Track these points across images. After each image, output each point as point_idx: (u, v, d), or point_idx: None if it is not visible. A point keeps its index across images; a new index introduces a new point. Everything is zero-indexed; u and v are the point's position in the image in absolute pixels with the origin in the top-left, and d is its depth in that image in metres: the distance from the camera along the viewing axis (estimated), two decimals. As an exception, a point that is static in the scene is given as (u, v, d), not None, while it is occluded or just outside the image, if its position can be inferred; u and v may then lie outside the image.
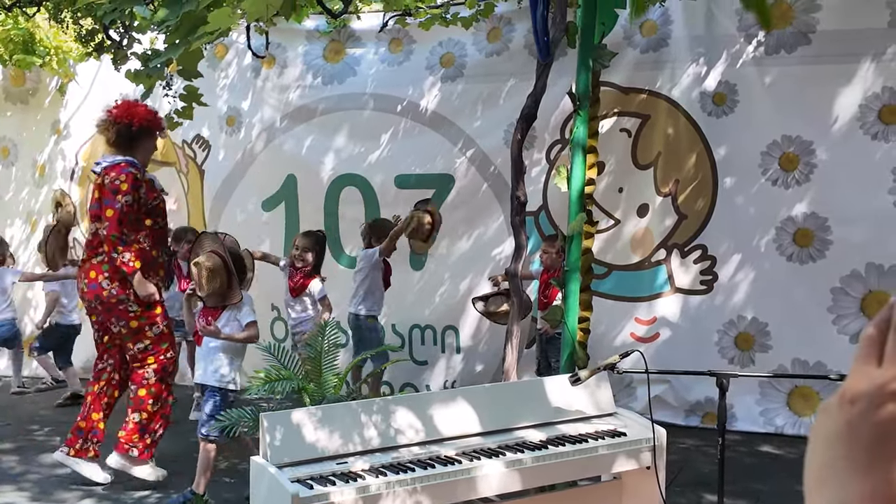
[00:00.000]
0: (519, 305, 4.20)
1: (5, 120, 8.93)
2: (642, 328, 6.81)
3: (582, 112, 4.01)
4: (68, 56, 7.82)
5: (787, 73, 6.39)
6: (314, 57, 7.85)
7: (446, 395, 3.75)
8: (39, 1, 5.53)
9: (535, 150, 7.15)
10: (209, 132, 8.23)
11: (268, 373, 4.28)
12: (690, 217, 6.67)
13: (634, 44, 6.79)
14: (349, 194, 7.76)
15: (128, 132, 5.22)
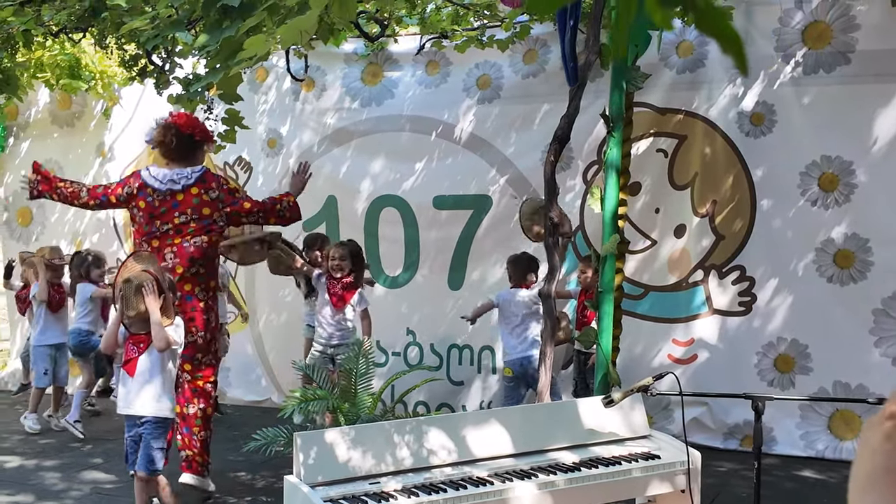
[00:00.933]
0: (552, 327, 4.20)
1: (52, 142, 9.14)
2: (680, 350, 6.77)
3: (615, 133, 4.02)
4: (113, 80, 8.00)
5: (825, 93, 6.34)
6: (352, 80, 7.95)
7: (479, 416, 3.76)
8: (85, 27, 5.67)
9: (572, 171, 7.16)
10: (251, 154, 8.35)
11: (303, 392, 4.31)
12: (728, 238, 6.63)
13: (671, 64, 6.79)
14: (388, 215, 7.82)
15: (191, 142, 5.36)
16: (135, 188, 5.31)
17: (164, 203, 5.27)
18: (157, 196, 5.28)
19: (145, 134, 5.49)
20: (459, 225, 7.55)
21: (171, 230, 5.27)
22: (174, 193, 5.28)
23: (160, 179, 5.31)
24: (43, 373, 7.40)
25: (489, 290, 7.44)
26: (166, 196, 5.28)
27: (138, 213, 5.33)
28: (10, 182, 9.39)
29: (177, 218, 5.27)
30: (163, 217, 5.27)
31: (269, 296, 8.28)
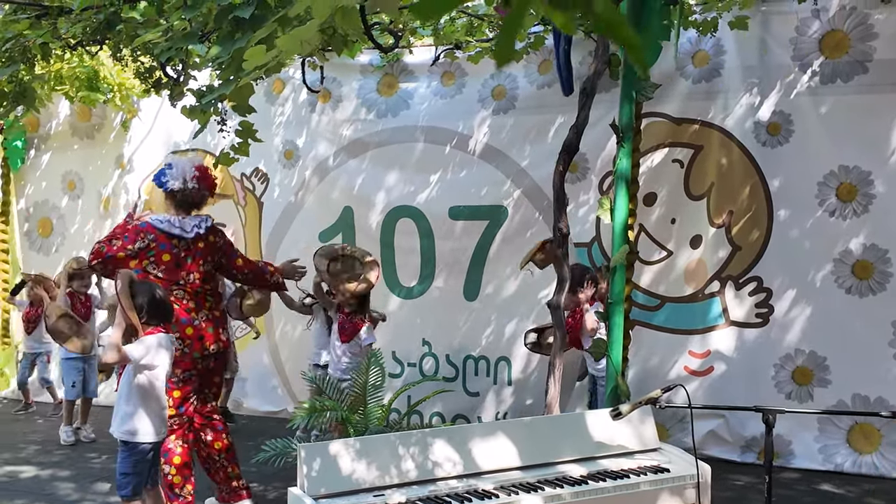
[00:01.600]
0: (561, 338, 4.17)
1: (72, 154, 9.23)
2: (696, 361, 6.70)
3: (625, 144, 4.00)
4: (131, 92, 8.06)
5: (843, 103, 6.28)
6: (368, 91, 7.97)
7: (486, 428, 3.74)
8: (102, 40, 5.71)
9: (587, 183, 7.13)
10: (267, 166, 8.39)
11: (312, 403, 4.31)
12: (745, 248, 6.57)
13: (686, 74, 6.75)
14: (404, 226, 7.82)
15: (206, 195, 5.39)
16: (150, 241, 5.07)
17: (188, 252, 5.15)
18: (182, 246, 5.14)
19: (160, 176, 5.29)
20: (475, 236, 7.53)
21: (197, 279, 5.16)
22: (196, 241, 5.19)
23: (184, 228, 5.16)
24: (71, 385, 7.43)
25: (504, 301, 7.42)
26: (190, 244, 5.16)
27: (158, 267, 5.08)
28: (30, 193, 9.49)
29: (202, 266, 5.19)
30: (188, 266, 5.15)
31: (283, 307, 8.28)
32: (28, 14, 5.28)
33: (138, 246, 5.04)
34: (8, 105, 5.87)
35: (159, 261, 5.05)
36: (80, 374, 7.46)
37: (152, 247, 5.04)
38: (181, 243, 5.12)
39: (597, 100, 5.27)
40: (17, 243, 9.56)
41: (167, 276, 5.04)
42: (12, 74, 5.60)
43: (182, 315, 5.01)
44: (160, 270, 5.05)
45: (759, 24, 6.44)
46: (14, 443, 7.32)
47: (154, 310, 4.45)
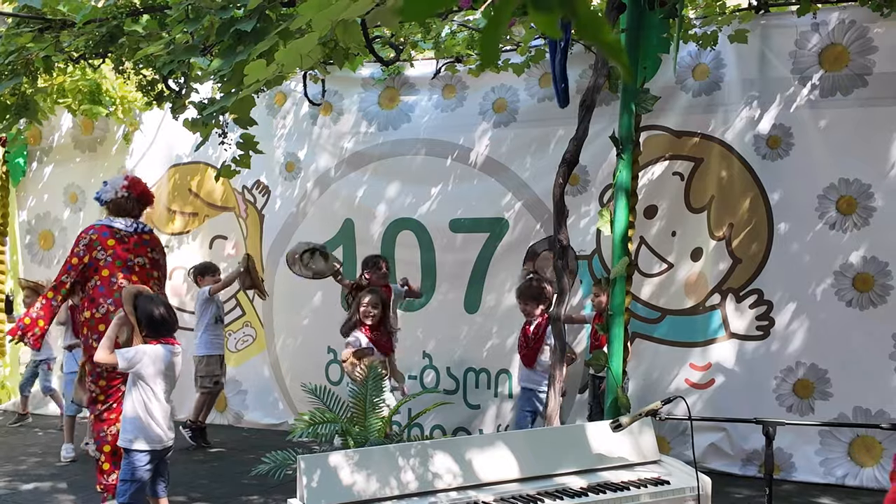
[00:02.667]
0: (561, 349, 4.18)
1: (75, 166, 9.25)
2: (697, 374, 6.70)
3: (625, 156, 4.01)
4: (133, 105, 8.09)
5: (843, 116, 6.29)
6: (369, 104, 8.00)
7: (486, 440, 3.73)
8: (104, 53, 5.74)
9: (588, 195, 7.15)
10: (268, 178, 8.41)
11: (312, 415, 4.31)
12: (745, 261, 6.57)
13: (687, 87, 6.77)
14: (405, 238, 7.84)
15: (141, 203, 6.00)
16: (93, 236, 5.70)
17: (132, 240, 5.79)
18: (125, 234, 5.77)
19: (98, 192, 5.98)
20: (476, 248, 7.54)
21: (147, 264, 5.82)
22: (141, 234, 5.85)
23: (125, 224, 5.81)
24: (71, 401, 7.37)
25: (504, 314, 7.42)
26: (133, 235, 5.80)
27: (105, 254, 5.67)
28: (32, 206, 9.51)
29: (149, 252, 5.86)
30: (136, 251, 5.78)
31: (286, 320, 8.30)
32: (31, 27, 5.32)
33: (83, 244, 5.68)
34: (10, 118, 5.90)
35: (105, 246, 5.68)
36: None
37: (95, 238, 5.68)
38: (123, 233, 5.77)
39: (597, 113, 5.29)
40: (19, 256, 9.57)
41: (116, 259, 5.68)
42: (15, 87, 5.63)
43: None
44: (109, 255, 5.67)
45: (758, 38, 6.46)
46: (14, 455, 7.31)
47: (151, 325, 4.66)
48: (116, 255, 5.70)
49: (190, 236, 8.80)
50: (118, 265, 5.69)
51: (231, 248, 8.64)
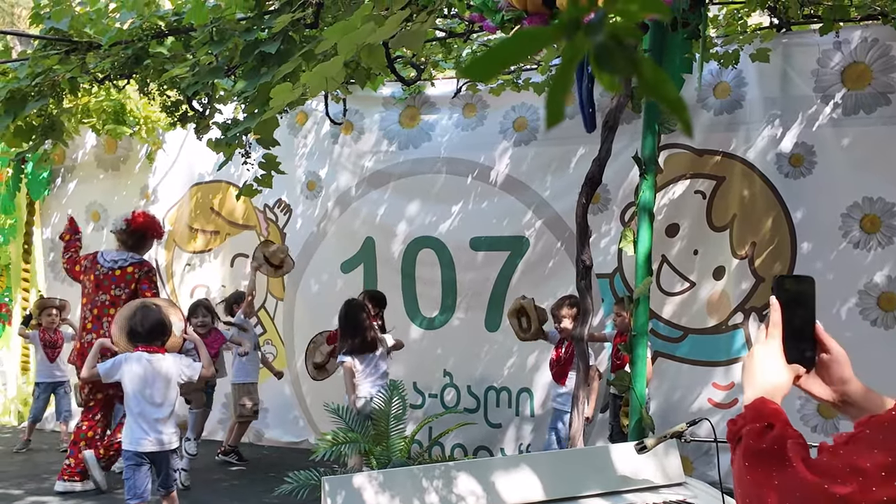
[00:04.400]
0: (585, 370, 4.16)
1: (98, 184, 9.33)
2: (720, 394, 6.66)
3: (648, 176, 4.01)
4: (157, 125, 8.16)
5: (866, 134, 6.27)
6: (390, 123, 8.03)
7: (509, 462, 3.72)
8: (129, 74, 5.81)
9: (608, 214, 7.14)
10: (290, 197, 8.46)
11: (335, 435, 4.31)
12: (768, 280, 6.53)
13: (708, 106, 6.76)
14: (425, 256, 7.85)
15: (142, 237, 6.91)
16: (86, 264, 6.82)
17: (105, 276, 6.68)
18: (102, 270, 6.69)
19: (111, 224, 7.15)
20: (496, 266, 7.54)
21: (107, 300, 6.64)
22: (114, 269, 6.68)
23: (107, 259, 6.76)
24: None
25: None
26: (108, 271, 6.69)
27: (87, 287, 6.76)
28: (56, 223, 9.59)
29: (112, 290, 6.66)
30: (102, 287, 6.68)
31: (306, 338, 8.31)
32: (58, 49, 5.38)
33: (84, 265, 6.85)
34: (37, 138, 5.97)
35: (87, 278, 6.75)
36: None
37: (87, 266, 6.79)
38: (100, 269, 6.69)
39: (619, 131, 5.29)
40: (41, 273, 9.64)
41: (87, 293, 6.73)
42: (41, 108, 5.69)
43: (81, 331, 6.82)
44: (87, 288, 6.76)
45: (780, 56, 6.45)
46: (38, 473, 7.35)
47: (129, 334, 5.26)
48: (88, 290, 6.73)
49: (211, 254, 8.85)
50: (88, 298, 6.73)
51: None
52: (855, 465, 1.23)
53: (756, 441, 1.40)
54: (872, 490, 1.20)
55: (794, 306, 1.56)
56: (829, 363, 1.57)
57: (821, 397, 1.60)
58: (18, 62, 5.68)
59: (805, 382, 1.59)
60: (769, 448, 1.37)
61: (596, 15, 0.52)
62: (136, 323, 5.22)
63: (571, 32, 0.52)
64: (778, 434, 1.38)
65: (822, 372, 1.58)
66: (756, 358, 1.57)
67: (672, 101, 0.60)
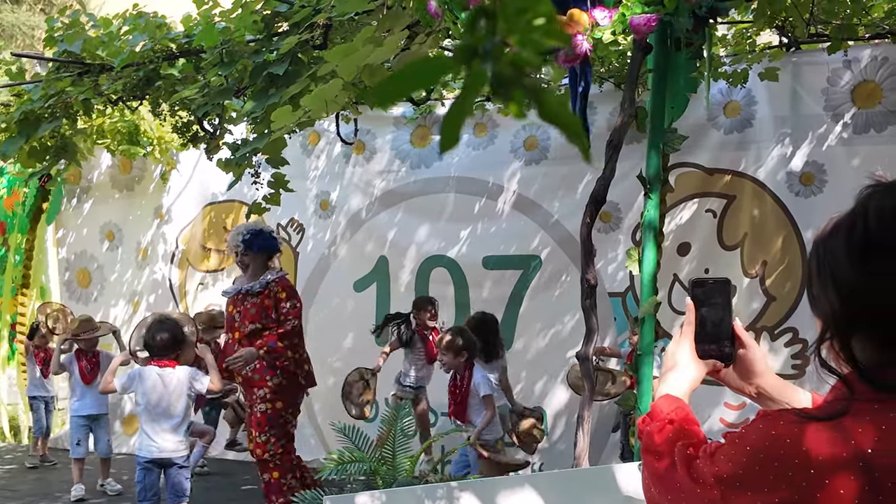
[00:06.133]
0: (590, 390, 4.15)
1: (113, 203, 9.41)
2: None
3: (652, 195, 4.01)
4: (170, 146, 8.24)
5: (877, 153, 6.24)
6: (402, 142, 8.08)
7: (513, 482, 3.72)
8: (141, 95, 5.88)
9: (620, 231, 7.13)
10: (302, 217, 8.50)
11: (341, 454, 4.32)
12: (779, 299, 6.51)
13: (718, 125, 6.76)
14: (438, 275, 7.86)
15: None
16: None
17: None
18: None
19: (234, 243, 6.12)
20: (508, 286, 7.55)
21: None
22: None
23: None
24: (76, 443, 7.19)
25: (536, 352, 7.40)
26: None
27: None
28: (72, 242, 9.68)
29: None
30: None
31: (317, 358, 8.31)
32: (71, 72, 5.46)
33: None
34: (50, 159, 6.04)
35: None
36: (86, 433, 7.26)
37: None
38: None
39: (629, 150, 5.29)
40: (58, 292, 9.71)
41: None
42: (55, 129, 5.77)
43: None
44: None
45: (789, 75, 6.44)
46: (51, 492, 7.39)
47: (146, 348, 5.47)
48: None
49: (224, 273, 8.89)
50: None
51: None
52: (717, 473, 1.31)
53: (652, 441, 1.50)
54: (732, 499, 1.28)
55: (709, 305, 1.65)
56: (744, 357, 1.67)
57: (739, 390, 1.72)
58: (32, 84, 5.76)
59: (724, 376, 1.72)
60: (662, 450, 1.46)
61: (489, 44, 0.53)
62: (150, 337, 5.44)
63: (468, 60, 0.53)
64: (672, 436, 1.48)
65: (739, 366, 1.68)
66: (668, 355, 1.70)
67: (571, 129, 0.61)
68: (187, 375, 5.41)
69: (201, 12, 5.19)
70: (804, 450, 1.25)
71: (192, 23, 5.51)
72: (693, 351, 1.65)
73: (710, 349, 1.66)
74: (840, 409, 1.28)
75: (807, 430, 1.27)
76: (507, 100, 0.56)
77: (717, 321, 1.65)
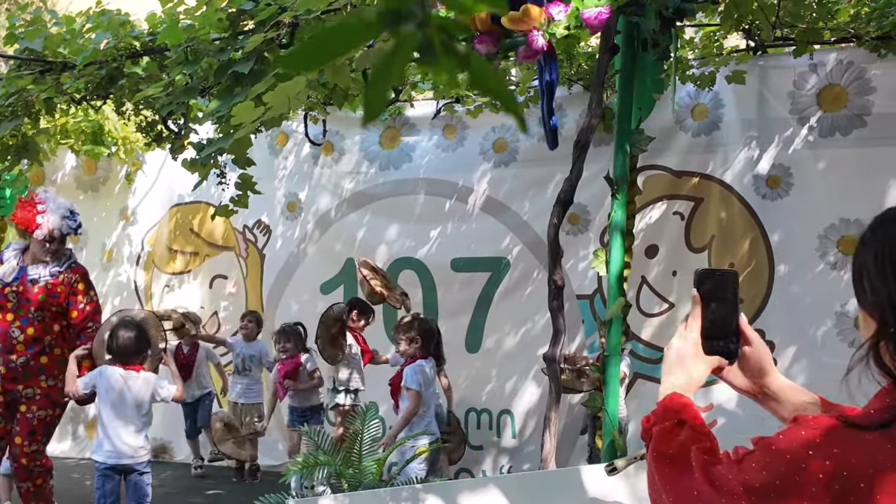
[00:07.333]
0: (557, 392, 4.14)
1: (77, 205, 9.20)
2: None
3: (619, 196, 4.01)
4: (135, 146, 8.13)
5: (842, 156, 6.30)
6: (370, 144, 8.04)
7: (479, 483, 3.69)
8: (104, 94, 5.79)
9: (589, 233, 7.14)
10: (270, 218, 8.43)
11: (305, 458, 4.27)
12: (746, 301, 6.52)
13: (686, 128, 6.79)
14: (406, 277, 7.81)
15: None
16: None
17: None
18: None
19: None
20: (477, 288, 7.53)
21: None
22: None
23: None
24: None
25: (506, 354, 7.38)
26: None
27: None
28: (35, 245, 9.51)
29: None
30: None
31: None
32: (32, 70, 5.36)
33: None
34: (11, 158, 5.93)
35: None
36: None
37: None
38: None
39: (597, 152, 5.29)
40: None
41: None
42: (15, 128, 5.66)
43: None
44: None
45: (756, 79, 6.48)
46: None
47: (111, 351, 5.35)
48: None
49: (191, 275, 8.80)
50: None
51: (232, 288, 8.63)
52: (747, 483, 1.24)
53: (664, 444, 1.42)
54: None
55: (716, 300, 1.58)
56: (750, 355, 1.60)
57: (742, 388, 1.65)
58: (-8, 82, 5.66)
59: (727, 374, 1.63)
60: (675, 453, 1.39)
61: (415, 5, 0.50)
62: (112, 341, 5.35)
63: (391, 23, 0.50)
64: (685, 438, 1.40)
65: (743, 364, 1.61)
66: (672, 351, 1.61)
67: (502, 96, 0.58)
68: (151, 381, 5.34)
69: (166, 10, 5.10)
70: (852, 461, 1.15)
71: (156, 20, 5.43)
72: (699, 346, 1.58)
73: (717, 345, 1.59)
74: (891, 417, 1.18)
75: (855, 438, 1.17)
76: (435, 66, 0.53)
77: (724, 316, 1.59)
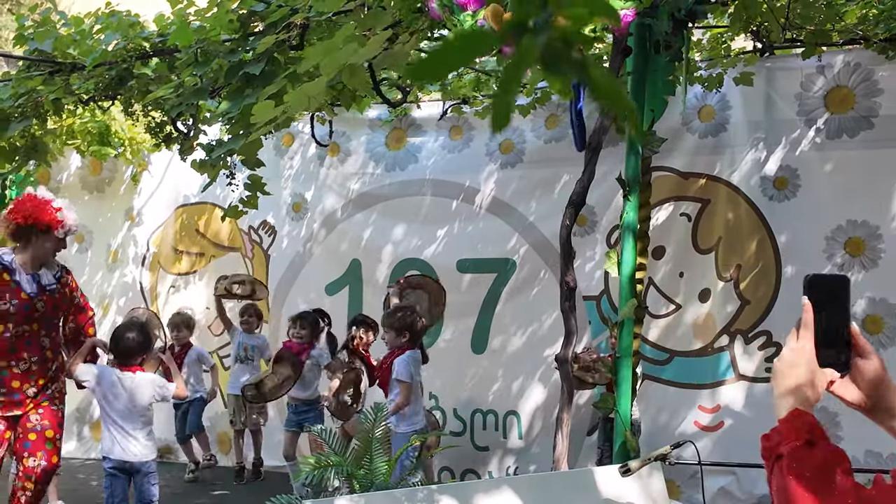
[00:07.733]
0: (569, 392, 4.14)
1: (82, 206, 9.21)
2: (706, 416, 6.64)
3: (631, 197, 4.01)
4: (142, 147, 8.13)
5: (849, 158, 6.30)
6: (377, 145, 8.04)
7: (492, 484, 3.69)
8: (113, 95, 5.80)
9: (597, 235, 7.14)
10: (275, 218, 8.44)
11: (317, 459, 4.27)
12: (753, 303, 6.54)
13: (693, 129, 6.79)
14: (413, 278, 7.82)
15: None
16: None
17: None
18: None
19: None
20: (483, 288, 7.53)
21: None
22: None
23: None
24: None
25: (511, 355, 7.39)
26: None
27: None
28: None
29: None
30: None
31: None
32: (41, 70, 5.37)
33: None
34: (20, 159, 5.93)
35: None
36: None
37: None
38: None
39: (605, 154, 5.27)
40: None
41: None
42: (24, 129, 5.67)
43: None
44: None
45: (764, 80, 6.48)
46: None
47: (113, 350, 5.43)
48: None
49: (196, 276, 8.80)
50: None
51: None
52: None
53: (802, 465, 1.33)
54: None
55: (826, 307, 1.49)
56: (864, 367, 1.48)
57: (853, 402, 1.51)
58: (2, 83, 5.67)
59: (837, 388, 1.51)
60: (815, 475, 1.31)
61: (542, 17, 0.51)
62: (113, 343, 5.46)
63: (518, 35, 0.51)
64: (824, 460, 1.32)
65: (856, 375, 1.49)
66: (787, 362, 1.49)
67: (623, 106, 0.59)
68: (151, 381, 5.41)
69: (175, 11, 5.11)
70: None
71: (164, 22, 5.44)
72: (815, 358, 1.48)
73: (829, 355, 1.49)
74: None
75: None
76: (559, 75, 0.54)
77: (837, 324, 1.49)
